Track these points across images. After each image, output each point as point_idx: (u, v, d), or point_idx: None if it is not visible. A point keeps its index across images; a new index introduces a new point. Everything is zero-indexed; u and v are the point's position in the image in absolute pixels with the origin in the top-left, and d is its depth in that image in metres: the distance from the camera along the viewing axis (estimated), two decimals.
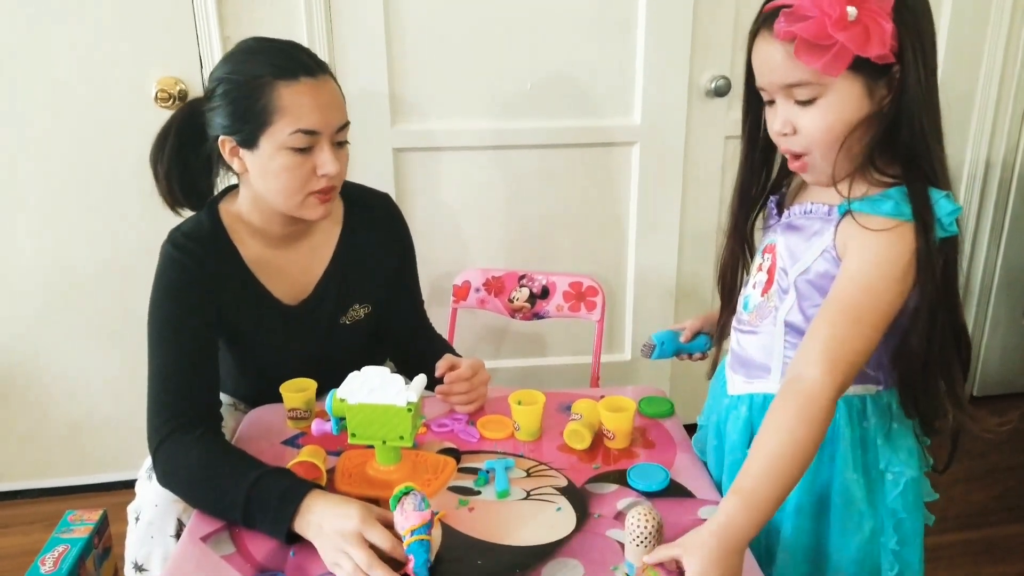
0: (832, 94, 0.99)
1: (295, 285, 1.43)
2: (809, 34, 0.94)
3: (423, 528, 0.99)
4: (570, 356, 2.40)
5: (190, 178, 1.37)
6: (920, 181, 1.00)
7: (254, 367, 1.50)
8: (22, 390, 2.19)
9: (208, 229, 1.35)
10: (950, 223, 0.98)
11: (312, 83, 1.24)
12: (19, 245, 2.06)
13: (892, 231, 0.98)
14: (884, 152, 1.02)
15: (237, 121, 1.25)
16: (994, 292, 2.62)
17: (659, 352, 1.40)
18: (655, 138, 2.19)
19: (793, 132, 1.03)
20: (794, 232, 1.11)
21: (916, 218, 0.98)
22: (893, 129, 1.00)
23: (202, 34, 1.92)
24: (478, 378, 1.40)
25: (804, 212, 1.10)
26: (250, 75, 1.24)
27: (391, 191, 2.10)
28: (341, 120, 1.30)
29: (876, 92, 0.99)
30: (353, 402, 1.15)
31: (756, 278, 1.19)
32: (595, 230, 2.29)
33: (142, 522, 1.28)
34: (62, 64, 1.92)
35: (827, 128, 1.00)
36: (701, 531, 0.94)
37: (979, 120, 2.39)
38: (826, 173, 1.04)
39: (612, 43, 2.11)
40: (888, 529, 1.11)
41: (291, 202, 1.30)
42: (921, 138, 1.00)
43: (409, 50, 2.04)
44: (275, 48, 1.28)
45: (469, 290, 1.97)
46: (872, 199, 1.01)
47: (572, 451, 1.29)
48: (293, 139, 1.24)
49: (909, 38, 0.96)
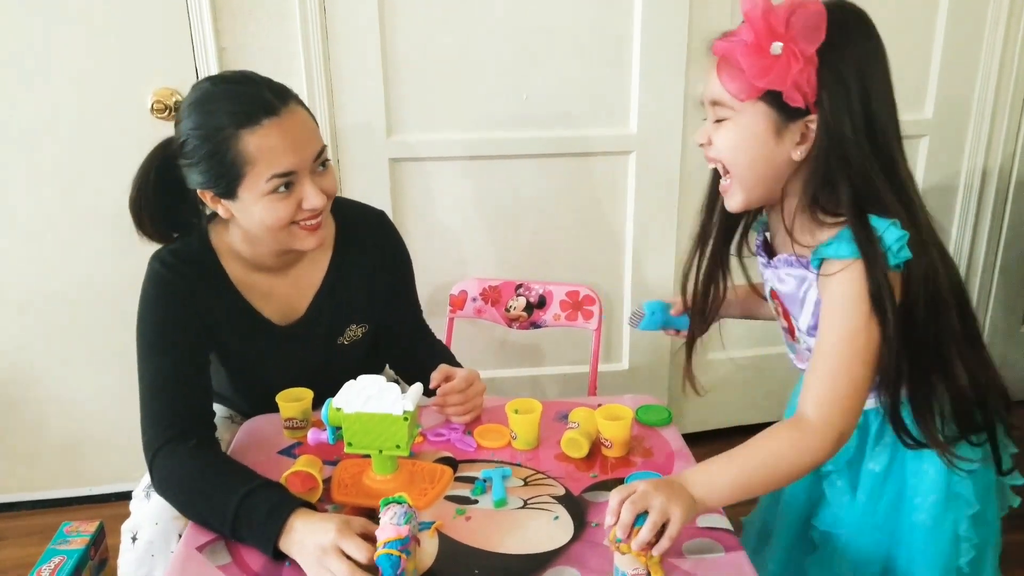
0: (741, 118, 1.05)
1: (285, 307, 1.42)
2: (730, 56, 1.00)
3: (395, 543, 0.97)
4: (567, 365, 2.40)
5: (176, 221, 1.36)
6: (860, 218, 1.02)
7: (249, 384, 1.49)
8: (18, 404, 2.18)
9: (196, 250, 1.34)
10: (900, 249, 1.00)
11: (276, 122, 1.20)
12: (13, 260, 2.06)
13: (848, 270, 1.02)
14: (832, 193, 1.04)
15: (212, 177, 1.23)
16: (992, 300, 2.62)
17: (647, 322, 1.41)
18: (651, 147, 2.19)
19: (709, 143, 1.10)
20: (785, 285, 1.16)
21: (861, 255, 1.01)
22: (827, 173, 1.03)
23: (198, 45, 1.92)
24: (473, 389, 1.39)
25: (787, 263, 1.15)
26: (213, 129, 1.20)
27: (387, 202, 2.11)
28: (315, 149, 1.25)
29: (786, 134, 1.04)
30: (349, 411, 1.15)
31: (781, 324, 1.25)
32: (592, 239, 2.29)
33: (141, 541, 1.27)
34: (57, 75, 1.92)
35: (731, 147, 1.07)
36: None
37: (975, 128, 2.39)
38: (738, 199, 1.10)
39: (608, 53, 2.11)
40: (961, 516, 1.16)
41: (281, 236, 1.28)
42: (863, 179, 1.02)
43: (405, 60, 2.04)
44: (233, 91, 1.22)
45: (466, 300, 1.97)
46: (825, 245, 1.04)
47: (569, 460, 1.28)
48: (271, 184, 1.21)
49: (832, 88, 1.00)
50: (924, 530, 1.16)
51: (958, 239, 2.52)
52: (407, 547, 0.98)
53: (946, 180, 2.44)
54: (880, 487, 1.19)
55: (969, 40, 2.29)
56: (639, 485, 0.99)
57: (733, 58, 0.99)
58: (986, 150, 2.42)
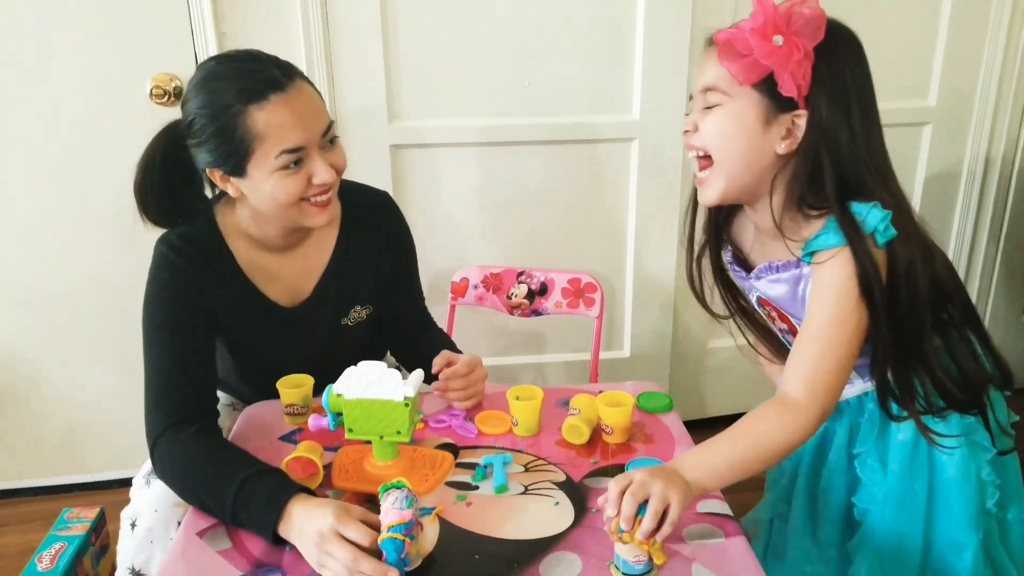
0: (733, 105, 1.08)
1: (292, 288, 1.42)
2: (735, 40, 1.05)
3: (399, 527, 0.97)
4: (569, 353, 2.39)
5: (181, 205, 1.34)
6: (843, 207, 1.05)
7: (255, 369, 1.49)
8: (20, 391, 2.18)
9: (203, 233, 1.34)
10: (885, 228, 1.04)
11: (283, 98, 1.20)
12: (16, 249, 2.06)
13: (837, 257, 1.05)
14: (819, 188, 1.08)
15: (221, 156, 1.23)
16: (993, 289, 2.62)
17: None
18: (654, 134, 2.18)
19: (695, 130, 1.13)
20: (778, 291, 1.19)
21: (847, 241, 1.04)
22: (814, 168, 1.07)
23: (197, 29, 1.91)
24: (475, 374, 1.39)
25: (769, 270, 1.18)
26: (220, 107, 1.19)
27: (389, 188, 2.10)
28: (323, 124, 1.26)
29: (774, 125, 1.07)
30: (350, 397, 1.15)
31: (777, 326, 1.29)
32: (594, 226, 2.28)
33: (140, 528, 1.27)
34: (55, 61, 1.91)
35: (719, 133, 1.10)
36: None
37: (979, 117, 2.38)
38: (716, 189, 1.13)
39: (611, 39, 2.10)
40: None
41: (291, 213, 1.28)
42: (853, 173, 1.06)
43: (407, 46, 2.03)
44: (238, 69, 1.22)
45: (467, 287, 1.97)
46: (813, 239, 1.08)
47: (570, 446, 1.28)
48: (280, 160, 1.21)
49: (828, 83, 1.05)
50: (956, 484, 1.20)
51: (960, 227, 2.51)
52: (411, 531, 0.98)
53: (949, 168, 2.43)
54: (911, 455, 1.22)
55: (973, 28, 2.28)
56: (635, 475, 1.00)
57: (737, 41, 1.04)
58: (989, 138, 2.41)
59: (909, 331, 1.09)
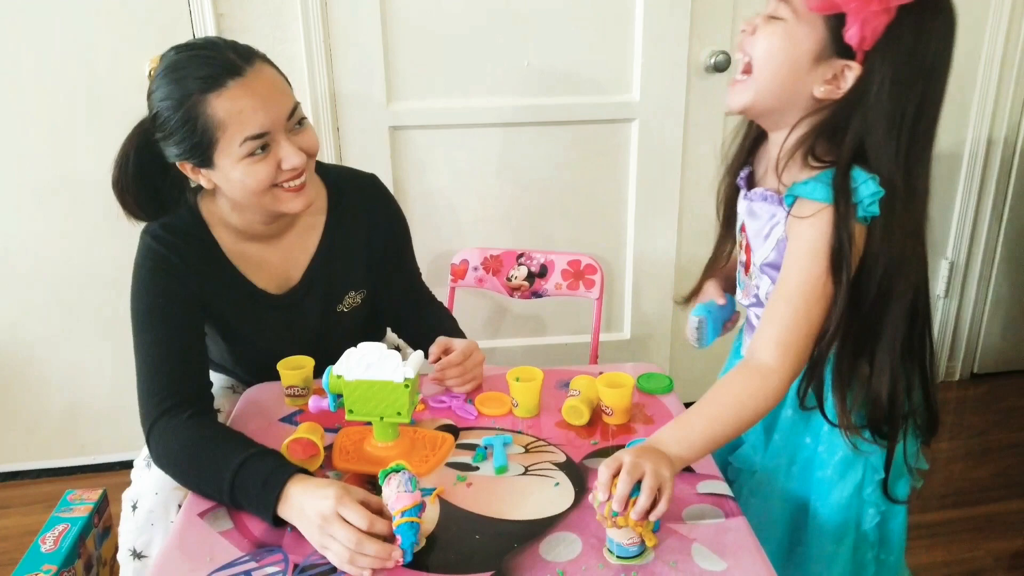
0: (794, 27, 1.02)
1: (279, 275, 1.41)
2: None
3: (413, 510, 0.98)
4: (569, 335, 2.40)
5: (161, 199, 1.33)
6: (846, 167, 1.01)
7: (247, 355, 1.49)
8: (22, 374, 2.19)
9: (187, 222, 1.33)
10: (871, 204, 1.00)
11: (242, 83, 1.17)
12: (16, 233, 2.05)
13: (819, 217, 1.02)
14: (834, 144, 1.04)
15: (186, 148, 1.21)
16: (995, 270, 2.61)
17: (711, 328, 1.33)
18: (654, 114, 2.17)
19: (752, 32, 1.07)
20: (755, 219, 1.16)
21: (832, 202, 1.01)
22: (841, 124, 1.02)
23: (195, 11, 1.90)
24: (471, 360, 1.39)
25: (762, 197, 1.15)
26: (180, 97, 1.17)
27: (387, 170, 2.09)
28: (288, 107, 1.22)
29: (822, 66, 1.03)
30: (350, 379, 1.15)
31: (740, 257, 1.24)
32: (594, 207, 2.28)
33: (141, 510, 1.28)
34: (53, 45, 1.90)
35: (768, 48, 1.05)
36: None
37: (981, 98, 2.37)
38: (745, 98, 1.09)
39: (610, 19, 2.08)
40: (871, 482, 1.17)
41: (264, 201, 1.26)
42: (884, 142, 1.01)
43: (405, 26, 2.01)
44: (195, 57, 1.19)
45: (467, 269, 1.96)
46: (802, 184, 1.04)
47: (570, 427, 1.28)
48: (245, 148, 1.19)
49: (894, 51, 0.99)
50: (828, 484, 1.18)
51: (962, 208, 2.51)
52: (423, 512, 0.99)
53: (951, 148, 2.42)
54: (792, 435, 1.21)
55: (975, 8, 2.26)
56: (623, 456, 0.98)
57: None
58: (991, 118, 2.40)
59: (867, 323, 1.06)
